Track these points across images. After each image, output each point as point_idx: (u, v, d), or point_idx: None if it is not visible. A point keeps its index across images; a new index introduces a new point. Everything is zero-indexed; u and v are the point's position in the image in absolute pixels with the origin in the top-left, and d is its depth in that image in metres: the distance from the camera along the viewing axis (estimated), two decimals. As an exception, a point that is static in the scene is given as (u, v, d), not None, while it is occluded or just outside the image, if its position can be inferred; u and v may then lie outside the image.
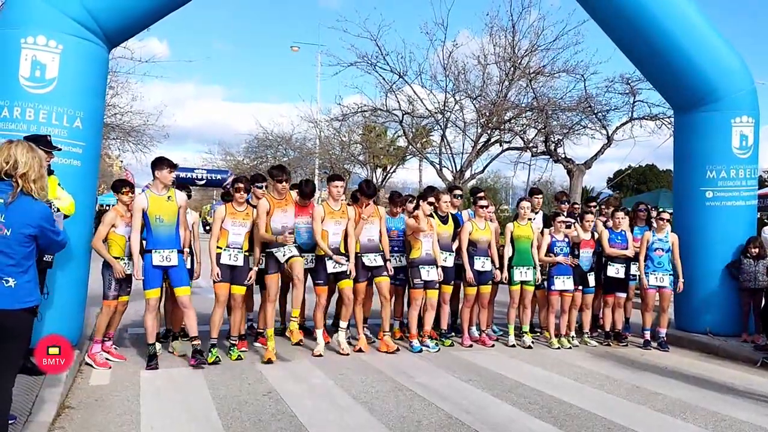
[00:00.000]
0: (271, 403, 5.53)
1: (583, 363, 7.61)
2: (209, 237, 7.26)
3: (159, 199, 6.69)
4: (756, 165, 9.06)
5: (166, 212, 6.68)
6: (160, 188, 6.74)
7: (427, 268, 7.90)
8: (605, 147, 18.84)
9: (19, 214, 3.59)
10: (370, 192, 7.95)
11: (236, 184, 7.32)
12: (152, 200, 6.65)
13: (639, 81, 16.82)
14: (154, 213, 6.63)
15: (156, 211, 6.63)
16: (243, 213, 7.26)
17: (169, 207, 6.73)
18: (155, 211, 6.63)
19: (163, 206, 6.68)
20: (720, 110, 8.78)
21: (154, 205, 6.64)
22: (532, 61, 18.54)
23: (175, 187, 6.98)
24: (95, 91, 6.99)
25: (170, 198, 6.75)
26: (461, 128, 20.05)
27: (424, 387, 6.21)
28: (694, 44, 8.56)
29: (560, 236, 8.51)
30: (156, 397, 5.67)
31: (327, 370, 6.81)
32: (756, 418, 5.47)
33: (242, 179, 7.54)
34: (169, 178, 6.77)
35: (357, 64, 18.42)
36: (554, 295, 8.47)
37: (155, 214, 6.63)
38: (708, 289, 8.80)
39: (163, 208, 6.68)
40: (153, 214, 6.62)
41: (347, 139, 26.35)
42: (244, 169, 30.41)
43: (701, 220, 8.91)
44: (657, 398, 6.07)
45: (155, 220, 6.62)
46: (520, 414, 5.45)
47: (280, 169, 7.33)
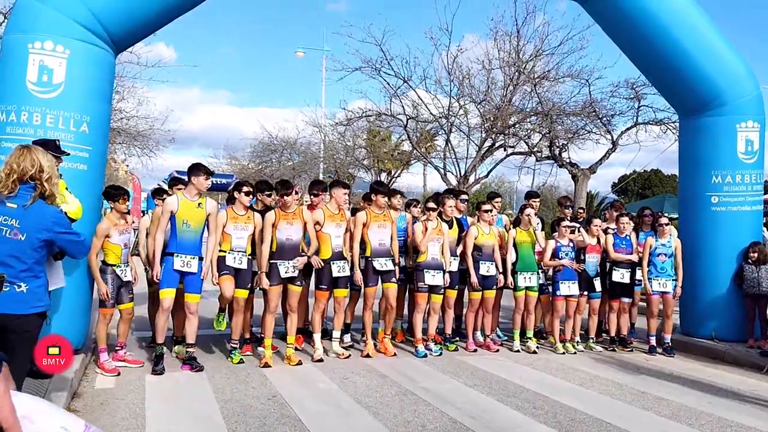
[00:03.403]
0: (275, 407, 5.54)
1: (588, 368, 7.60)
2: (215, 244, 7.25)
3: (190, 204, 6.73)
4: (762, 170, 9.04)
5: (194, 218, 6.72)
6: (193, 194, 6.78)
7: (433, 272, 7.89)
8: (610, 152, 18.83)
9: (34, 219, 3.63)
10: (384, 189, 7.99)
11: (241, 187, 7.33)
12: (183, 204, 6.69)
13: (644, 86, 16.83)
14: (182, 217, 6.66)
15: (185, 216, 6.67)
16: (244, 217, 7.25)
17: (198, 213, 6.77)
18: (184, 215, 6.67)
19: (192, 212, 6.72)
20: (725, 115, 8.77)
21: (183, 209, 6.68)
22: (537, 65, 18.55)
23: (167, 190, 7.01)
24: (102, 96, 7.02)
25: (200, 205, 6.80)
26: (465, 133, 20.07)
27: (429, 391, 6.21)
28: (700, 50, 8.55)
29: (565, 241, 8.50)
30: (161, 400, 5.68)
31: (331, 374, 6.81)
32: (762, 425, 5.45)
33: (247, 183, 7.56)
34: (205, 185, 6.83)
35: (362, 69, 18.47)
36: (559, 300, 8.46)
37: (183, 219, 6.66)
38: (713, 295, 8.77)
39: (192, 214, 6.72)
40: (181, 218, 6.66)
41: (352, 144, 26.38)
42: (249, 174, 30.44)
43: (707, 226, 8.89)
44: (662, 404, 6.05)
45: (182, 225, 6.65)
46: (525, 419, 5.44)
47: (282, 185, 7.43)
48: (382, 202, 7.87)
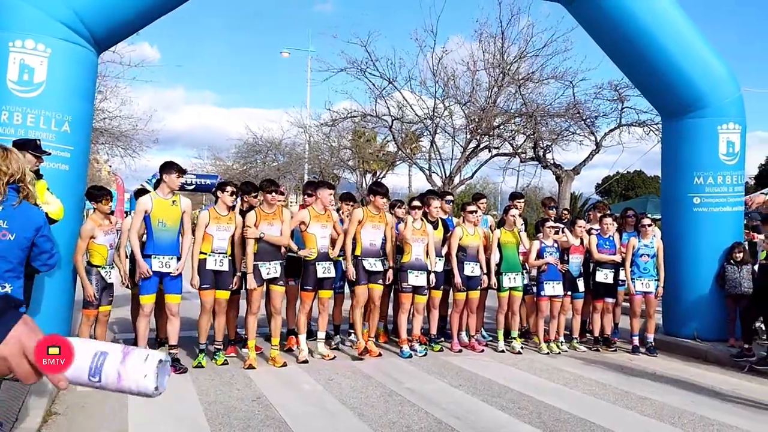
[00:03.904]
0: (260, 409, 5.51)
1: (573, 368, 7.63)
2: (192, 242, 7.20)
3: (164, 202, 6.65)
4: (742, 171, 9.15)
5: (169, 217, 6.64)
6: (165, 192, 6.71)
7: (417, 273, 7.89)
8: (594, 153, 18.99)
9: (22, 218, 3.61)
10: (384, 190, 7.98)
11: (225, 186, 7.24)
12: (157, 203, 6.61)
13: (627, 88, 17.00)
14: (157, 216, 6.58)
15: (160, 215, 6.59)
16: (226, 218, 7.15)
17: (173, 211, 6.68)
18: (159, 214, 6.58)
19: (167, 210, 6.64)
20: (707, 117, 8.86)
21: (158, 208, 6.59)
22: (521, 67, 18.68)
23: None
24: (84, 95, 6.96)
25: (175, 203, 6.72)
26: (450, 134, 20.14)
27: (414, 392, 6.21)
28: (682, 52, 8.64)
29: (549, 241, 8.54)
30: (144, 403, 5.59)
31: (316, 375, 6.78)
32: (743, 423, 5.50)
33: (231, 183, 7.51)
34: (177, 183, 6.75)
35: (347, 70, 18.48)
36: (544, 301, 8.49)
37: (158, 218, 6.58)
38: (695, 295, 8.86)
39: (167, 212, 6.64)
40: (156, 217, 6.57)
41: (337, 145, 26.36)
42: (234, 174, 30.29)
43: (689, 226, 8.97)
44: (646, 403, 6.09)
45: (158, 224, 6.58)
46: (510, 419, 5.45)
47: (270, 183, 7.39)
48: (380, 203, 7.86)
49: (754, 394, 6.60)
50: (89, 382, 1.41)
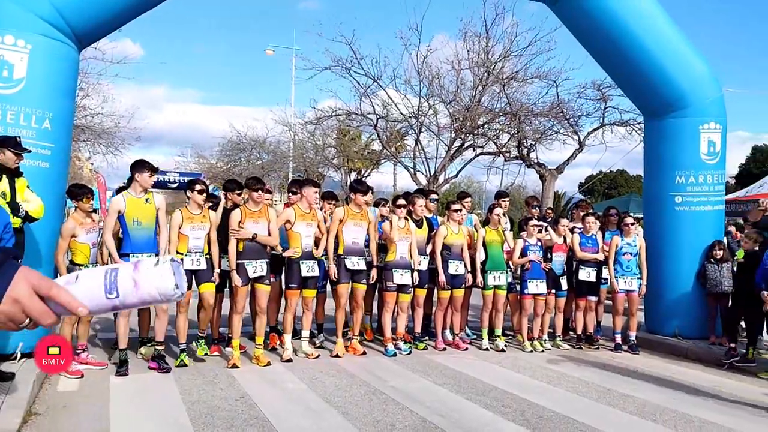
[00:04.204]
0: (243, 408, 5.48)
1: (556, 366, 7.68)
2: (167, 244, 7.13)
3: (137, 201, 6.57)
4: (723, 171, 9.24)
5: (144, 215, 6.57)
6: (138, 191, 6.63)
7: (401, 271, 7.90)
8: (577, 152, 19.13)
9: None
10: (365, 188, 7.96)
11: (194, 185, 7.13)
12: (130, 202, 6.53)
13: (610, 87, 17.13)
14: (131, 215, 6.50)
15: (134, 214, 6.51)
16: (200, 216, 7.06)
17: (148, 209, 6.61)
18: (133, 213, 6.51)
19: (141, 208, 6.56)
20: (689, 117, 8.94)
21: (131, 207, 6.51)
22: (506, 66, 18.76)
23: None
24: (65, 92, 6.87)
25: (148, 200, 6.64)
26: (435, 133, 20.20)
27: (398, 390, 6.21)
28: (664, 52, 8.71)
29: (533, 240, 8.58)
30: (126, 403, 5.58)
31: (300, 374, 6.77)
32: (724, 419, 5.57)
33: (200, 181, 7.43)
34: (149, 182, 6.66)
35: (332, 68, 18.45)
36: (527, 299, 8.54)
37: (133, 217, 6.50)
38: (677, 293, 8.94)
39: (142, 211, 6.56)
40: (131, 216, 6.50)
41: (321, 143, 26.31)
42: (218, 173, 30.12)
43: (670, 225, 9.06)
44: (628, 400, 6.15)
45: (133, 223, 6.50)
46: (494, 417, 5.47)
47: (256, 180, 7.34)
48: (361, 200, 7.85)
49: (734, 390, 6.68)
50: (108, 302, 1.39)
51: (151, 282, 1.41)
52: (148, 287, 1.41)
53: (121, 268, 1.42)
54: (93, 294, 1.38)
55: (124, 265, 1.43)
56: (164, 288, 1.42)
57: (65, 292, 1.33)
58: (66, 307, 1.33)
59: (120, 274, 1.40)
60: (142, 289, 1.41)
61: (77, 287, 1.38)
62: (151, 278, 1.41)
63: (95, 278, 1.40)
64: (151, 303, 1.45)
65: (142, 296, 1.41)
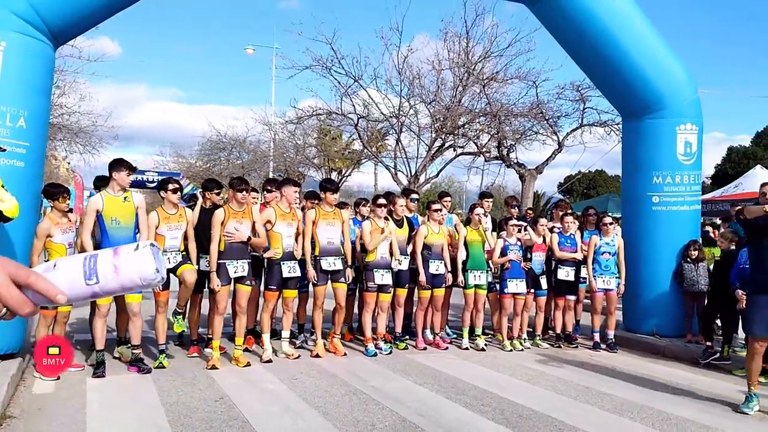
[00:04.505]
0: (223, 409, 5.44)
1: (535, 365, 7.73)
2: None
3: (115, 200, 6.50)
4: (699, 171, 9.36)
5: (122, 214, 6.50)
6: (116, 190, 6.56)
7: (382, 271, 7.90)
8: (556, 152, 19.27)
9: None
10: (333, 187, 7.94)
11: (167, 185, 7.07)
12: (108, 201, 6.46)
13: (589, 88, 17.28)
14: (110, 214, 6.43)
15: (112, 212, 6.44)
16: (176, 215, 7.03)
17: (126, 208, 6.54)
18: (111, 212, 6.43)
19: (119, 207, 6.49)
20: (666, 118, 9.05)
21: (110, 205, 6.44)
22: (486, 67, 18.85)
23: None
24: (40, 90, 6.77)
25: (127, 199, 6.57)
26: (416, 133, 20.22)
27: (378, 390, 6.21)
28: (642, 54, 8.80)
29: (513, 239, 8.63)
30: (103, 404, 5.51)
31: (280, 374, 6.74)
32: (700, 416, 5.64)
33: (173, 180, 7.37)
34: (127, 181, 6.60)
35: (312, 68, 18.40)
36: (507, 298, 8.58)
37: (111, 216, 6.43)
38: (654, 292, 9.04)
39: (120, 210, 6.49)
40: (109, 215, 6.42)
41: (302, 143, 26.22)
42: (197, 172, 29.89)
43: (648, 225, 9.15)
44: (606, 398, 6.20)
45: (111, 222, 6.42)
46: (474, 416, 5.49)
47: (240, 180, 7.29)
48: (330, 199, 7.82)
49: (709, 388, 6.77)
50: (87, 288, 1.37)
51: (132, 267, 1.40)
52: (128, 272, 1.40)
53: (101, 254, 1.41)
54: (72, 281, 1.37)
55: (104, 251, 1.42)
56: (145, 272, 1.41)
57: (44, 280, 1.31)
58: (45, 295, 1.30)
59: (99, 260, 1.39)
60: (123, 275, 1.40)
61: (56, 274, 1.36)
62: (132, 263, 1.41)
63: (74, 265, 1.39)
64: (131, 289, 1.44)
65: (122, 282, 1.40)
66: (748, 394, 5.89)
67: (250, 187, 7.31)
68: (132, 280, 1.41)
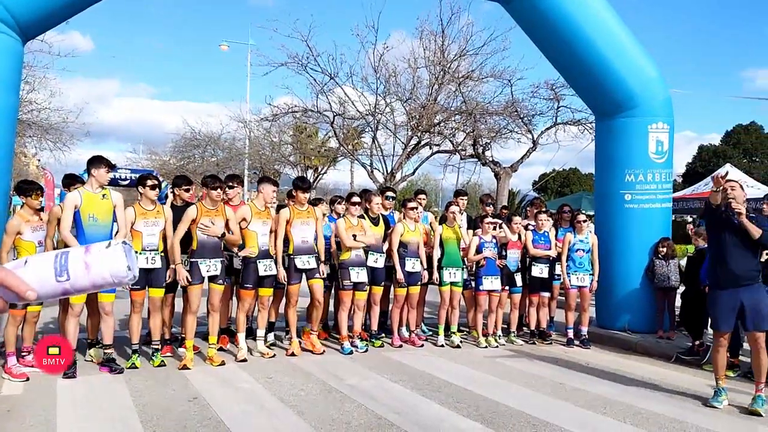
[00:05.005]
0: (196, 409, 5.39)
1: (510, 361, 7.79)
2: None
3: (93, 196, 6.41)
4: (671, 169, 9.50)
5: (100, 211, 6.41)
6: (95, 187, 6.47)
7: (357, 269, 7.89)
8: (531, 151, 19.40)
9: None
10: (306, 185, 7.90)
11: (145, 181, 6.98)
12: (86, 197, 6.37)
13: (563, 87, 17.43)
14: (87, 211, 6.34)
15: (90, 209, 6.35)
16: (154, 212, 6.93)
17: (104, 205, 6.45)
18: (89, 208, 6.35)
19: (97, 204, 6.40)
20: (638, 116, 9.16)
21: (87, 202, 6.35)
22: (461, 65, 18.89)
23: None
24: (8, 85, 6.64)
25: (105, 196, 6.49)
26: (392, 130, 20.21)
27: (354, 388, 6.20)
28: (614, 52, 8.90)
29: (488, 237, 8.67)
30: (74, 406, 5.42)
31: (255, 374, 6.69)
32: (670, 410, 5.74)
33: (151, 176, 7.29)
34: (106, 178, 6.53)
35: (288, 65, 18.29)
36: (482, 295, 8.62)
37: (89, 212, 6.34)
38: (626, 289, 9.16)
39: (98, 206, 6.40)
40: (86, 211, 6.33)
41: (278, 140, 26.06)
42: (171, 170, 29.55)
43: (620, 222, 9.27)
44: (579, 394, 6.27)
45: (88, 219, 6.33)
46: (449, 413, 5.52)
47: (214, 178, 7.22)
48: (302, 198, 7.79)
49: (680, 382, 6.89)
50: (58, 285, 1.35)
51: (103, 264, 1.39)
52: (100, 269, 1.39)
53: (72, 251, 1.40)
54: (42, 278, 1.35)
55: (75, 248, 1.40)
56: (116, 270, 1.40)
57: (13, 276, 1.29)
58: (15, 291, 1.28)
59: (71, 257, 1.37)
60: (94, 272, 1.38)
61: (26, 271, 1.34)
62: (104, 260, 1.39)
63: (45, 262, 1.37)
64: (102, 286, 1.42)
65: (93, 279, 1.38)
66: (717, 389, 6.00)
67: (223, 185, 7.22)
68: (103, 277, 1.40)
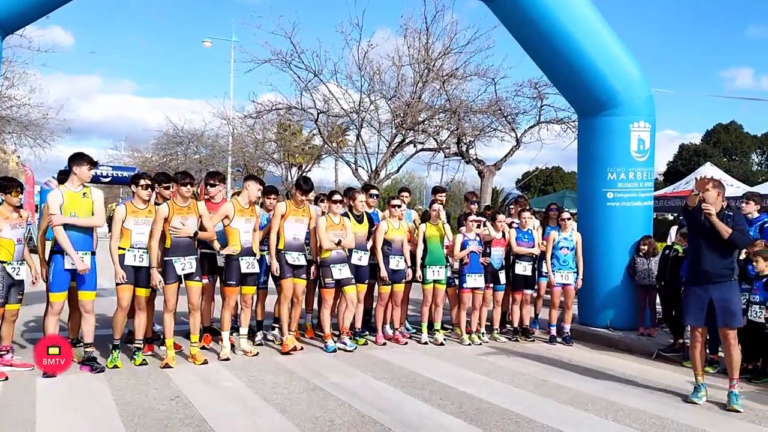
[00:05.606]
0: (179, 408, 5.35)
1: (493, 359, 7.82)
2: (110, 238, 6.93)
3: (74, 195, 6.36)
4: (652, 168, 9.59)
5: (81, 209, 6.35)
6: (76, 185, 6.41)
7: (338, 266, 7.87)
8: (514, 149, 19.49)
9: None
10: (307, 187, 7.87)
11: (138, 180, 6.96)
12: (67, 196, 6.32)
13: (546, 86, 17.52)
14: (68, 209, 6.28)
15: (71, 208, 6.29)
16: (145, 211, 6.88)
17: (85, 204, 6.39)
18: (70, 207, 6.29)
19: (78, 202, 6.35)
20: (620, 115, 9.22)
21: (69, 200, 6.30)
22: (446, 63, 18.92)
23: None
24: (-14, 81, 6.54)
25: (86, 195, 6.43)
26: (376, 128, 20.19)
27: (338, 386, 6.19)
28: (596, 51, 8.95)
29: (472, 235, 8.69)
30: (54, 405, 5.36)
31: (238, 372, 6.66)
32: (651, 406, 5.79)
33: (146, 175, 7.25)
34: (88, 176, 6.48)
35: (271, 62, 18.21)
36: (466, 293, 8.65)
37: (70, 211, 6.29)
38: (609, 286, 9.23)
39: (79, 205, 6.34)
40: (67, 210, 6.28)
41: (261, 137, 25.94)
42: (153, 167, 29.36)
43: (602, 220, 9.33)
44: (561, 391, 6.31)
45: (69, 217, 6.28)
46: (433, 411, 5.53)
47: (185, 174, 7.15)
48: (300, 199, 7.78)
49: (660, 379, 6.95)
50: None
51: None
52: None
53: None
54: None
55: None
56: None
57: None
58: None
59: None
60: None
61: None
62: None
63: None
64: None
65: None
66: (696, 385, 6.07)
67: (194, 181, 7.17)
68: None
